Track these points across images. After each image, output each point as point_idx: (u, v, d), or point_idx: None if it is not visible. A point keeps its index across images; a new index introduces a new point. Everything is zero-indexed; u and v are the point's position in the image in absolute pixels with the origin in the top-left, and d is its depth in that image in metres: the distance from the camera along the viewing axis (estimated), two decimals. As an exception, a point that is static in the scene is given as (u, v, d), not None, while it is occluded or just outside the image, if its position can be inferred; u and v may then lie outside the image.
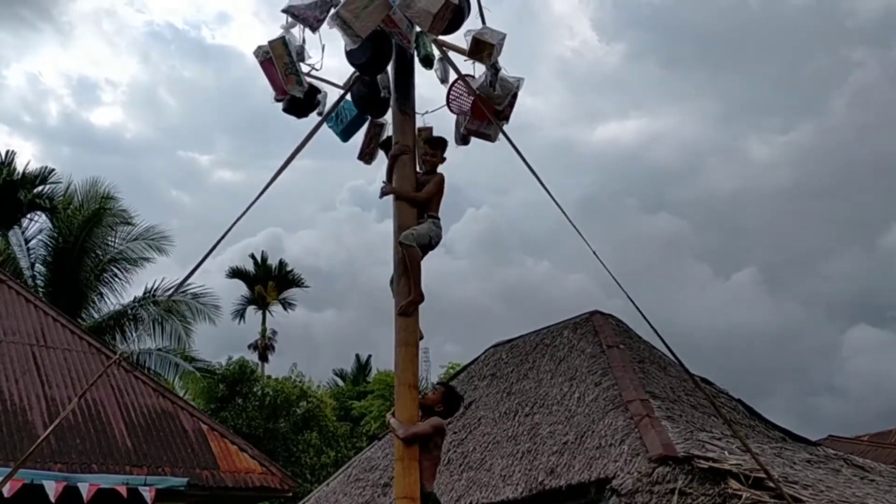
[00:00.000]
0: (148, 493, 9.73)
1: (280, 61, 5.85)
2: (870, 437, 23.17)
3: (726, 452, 9.45)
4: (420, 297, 5.51)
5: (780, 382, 55.56)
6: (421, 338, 5.65)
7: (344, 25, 5.50)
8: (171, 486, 10.05)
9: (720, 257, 68.64)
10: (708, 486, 8.60)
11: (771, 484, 7.82)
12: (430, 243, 5.70)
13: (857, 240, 67.34)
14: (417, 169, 6.00)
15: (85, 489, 9.27)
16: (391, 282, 5.84)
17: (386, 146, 6.32)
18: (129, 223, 23.91)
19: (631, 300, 5.81)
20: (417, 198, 5.79)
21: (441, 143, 6.10)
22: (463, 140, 6.52)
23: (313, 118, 6.30)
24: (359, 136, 6.59)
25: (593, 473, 10.46)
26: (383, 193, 5.89)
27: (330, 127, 6.48)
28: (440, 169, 6.05)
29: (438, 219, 5.84)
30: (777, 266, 66.96)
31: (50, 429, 7.58)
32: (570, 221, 5.88)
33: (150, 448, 10.67)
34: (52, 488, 9.05)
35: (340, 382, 39.87)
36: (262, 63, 5.97)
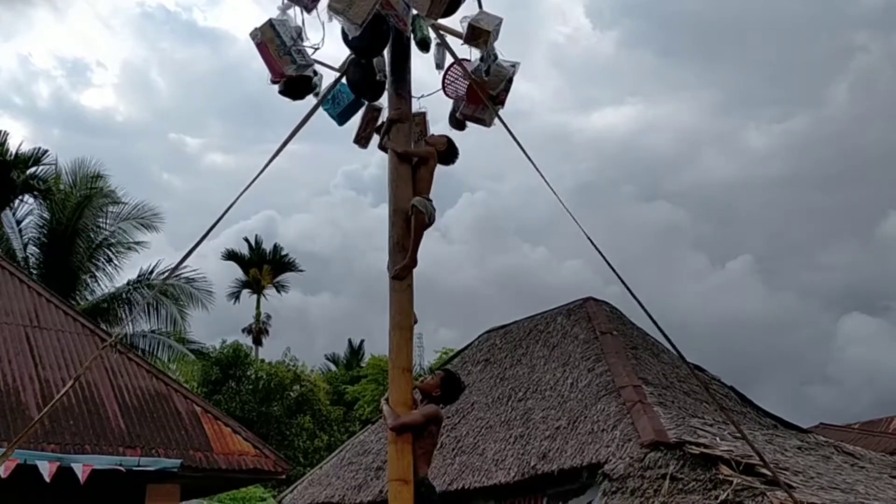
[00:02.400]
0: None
1: (272, 44, 5.82)
2: (860, 426, 23.34)
3: (717, 439, 9.52)
4: (413, 263, 5.53)
5: (774, 371, 55.83)
6: (415, 321, 5.65)
7: (338, 16, 5.49)
8: (164, 468, 10.05)
9: (716, 246, 68.82)
10: (699, 471, 8.67)
11: (762, 469, 7.88)
12: (429, 220, 5.72)
13: (853, 229, 67.58)
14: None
15: (79, 469, 9.27)
16: (390, 260, 5.83)
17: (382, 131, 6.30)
18: (119, 202, 23.81)
19: (623, 283, 5.82)
20: (418, 153, 5.81)
21: (454, 157, 6.09)
22: (458, 125, 6.51)
23: (308, 102, 6.28)
24: (354, 120, 6.57)
25: (585, 458, 10.53)
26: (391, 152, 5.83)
27: (326, 110, 6.46)
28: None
29: (431, 200, 5.84)
30: (772, 255, 67.21)
31: (45, 410, 7.58)
32: (564, 207, 5.89)
33: (144, 430, 10.66)
34: (45, 469, 9.04)
35: (333, 367, 39.94)
36: (257, 46, 5.94)
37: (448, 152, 6.05)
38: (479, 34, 5.91)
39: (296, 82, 6.02)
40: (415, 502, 5.17)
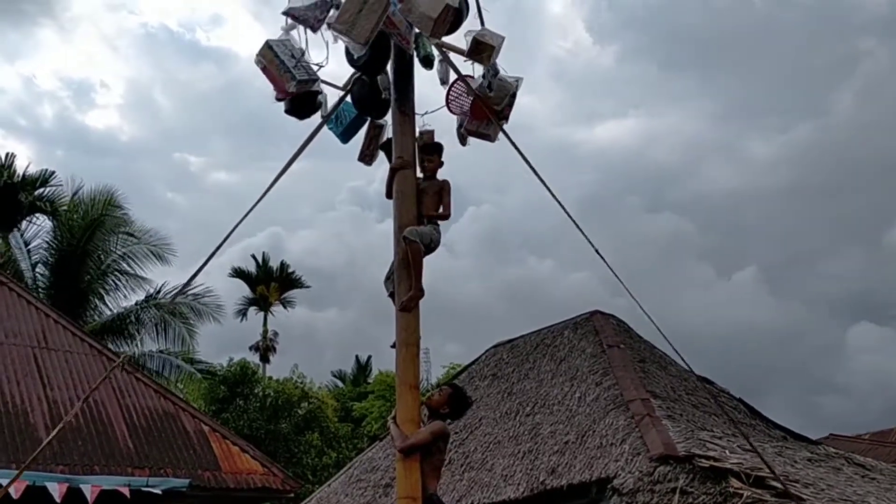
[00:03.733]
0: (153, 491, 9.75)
1: (272, 65, 5.88)
2: (871, 436, 23.18)
3: (727, 451, 9.46)
4: (420, 293, 5.53)
5: (783, 381, 55.55)
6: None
7: (342, 36, 5.55)
8: (173, 488, 10.06)
9: (722, 256, 68.69)
10: (709, 484, 8.61)
11: (772, 482, 7.84)
12: (429, 245, 5.71)
13: (860, 238, 67.39)
14: (418, 174, 6.00)
15: (88, 490, 9.28)
16: (386, 279, 5.87)
17: (386, 148, 6.33)
18: (132, 235, 23.90)
19: (631, 295, 5.84)
20: (442, 216, 5.84)
21: (437, 149, 6.08)
22: (462, 140, 6.54)
23: (312, 121, 6.31)
24: (358, 138, 6.61)
25: (594, 473, 10.47)
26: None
27: (330, 129, 6.50)
28: (442, 174, 6.05)
29: (438, 225, 5.85)
30: (778, 265, 66.99)
31: (54, 432, 7.64)
32: (571, 218, 5.91)
33: (152, 449, 10.69)
34: (55, 490, 9.06)
35: (340, 384, 39.89)
36: (263, 71, 6.00)
37: (433, 146, 6.06)
38: (483, 49, 5.94)
39: (301, 101, 6.06)
40: None
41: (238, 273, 39.87)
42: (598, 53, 76.07)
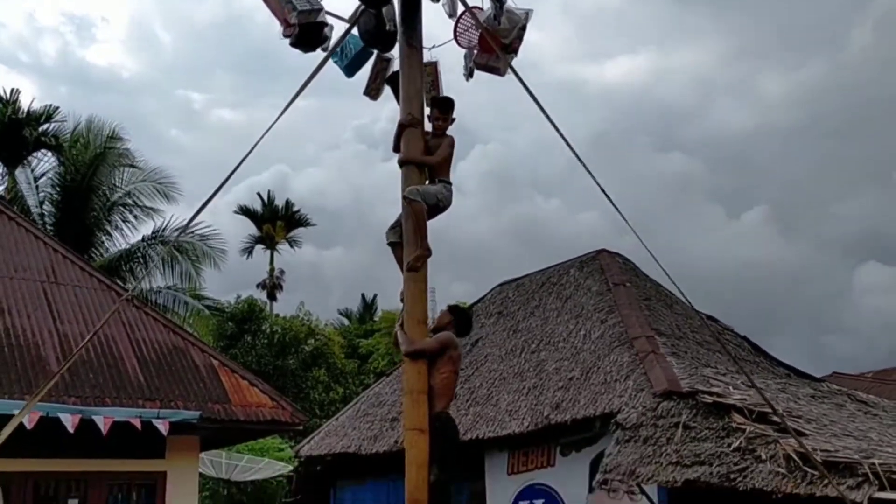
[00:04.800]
0: (162, 426, 9.91)
1: None
2: (874, 374, 23.39)
3: (730, 388, 9.55)
4: (427, 252, 5.48)
5: (790, 321, 55.92)
6: (429, 254, 5.63)
7: None
8: (184, 419, 10.22)
9: (731, 197, 68.41)
10: (712, 419, 8.71)
11: (775, 418, 7.93)
12: (437, 204, 5.62)
13: (872, 178, 66.93)
14: (427, 128, 5.91)
15: (100, 422, 9.45)
16: (389, 228, 5.82)
17: (393, 82, 6.25)
18: (134, 166, 23.89)
19: (634, 232, 5.80)
20: (429, 161, 5.73)
21: (450, 106, 5.98)
22: (470, 74, 6.45)
23: (316, 56, 6.20)
24: (364, 72, 6.51)
25: (598, 408, 10.60)
26: (401, 163, 5.73)
27: (335, 62, 6.40)
28: (450, 132, 5.96)
29: (450, 183, 5.77)
30: (789, 205, 66.73)
31: (66, 364, 7.75)
32: (578, 158, 5.83)
33: (162, 383, 10.83)
34: (68, 421, 9.23)
35: (346, 322, 40.25)
36: (264, 1, 5.88)
37: (445, 101, 5.98)
38: (490, -22, 5.81)
39: (307, 32, 5.94)
40: (431, 438, 5.17)
41: (244, 211, 39.90)
42: (609, -13, 74.48)
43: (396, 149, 5.85)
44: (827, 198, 68.44)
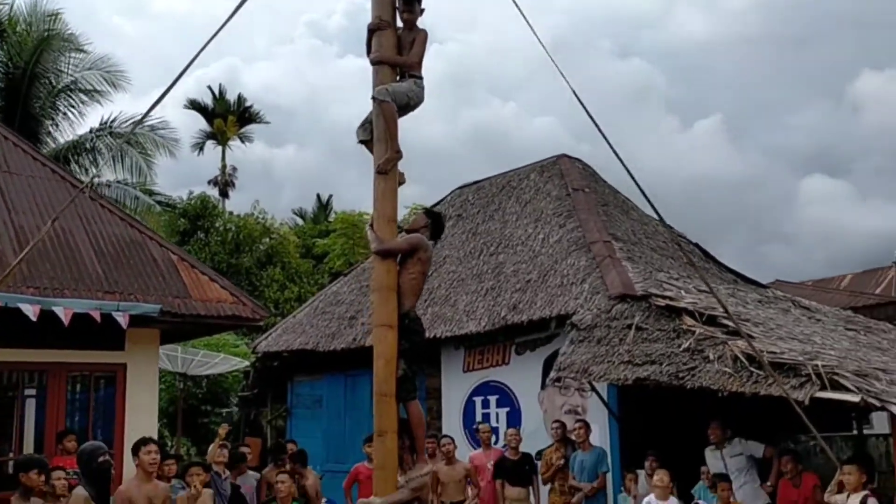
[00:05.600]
0: (122, 318, 9.89)
1: None
2: (814, 283, 24.33)
3: (683, 292, 9.89)
4: (398, 154, 5.42)
5: (735, 229, 57.27)
6: (402, 182, 5.60)
7: None
8: (144, 312, 10.17)
9: (687, 105, 68.68)
10: (663, 322, 9.04)
11: (724, 321, 8.27)
12: (408, 103, 5.47)
13: (825, 90, 67.68)
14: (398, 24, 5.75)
15: (61, 312, 9.38)
16: (360, 125, 5.73)
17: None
18: (81, 50, 22.99)
19: (606, 140, 5.85)
20: (402, 62, 5.60)
21: None
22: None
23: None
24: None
25: (554, 310, 10.91)
26: (373, 62, 5.57)
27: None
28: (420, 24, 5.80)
29: (421, 78, 5.64)
30: (741, 115, 67.34)
31: (23, 254, 7.63)
32: (550, 58, 5.82)
33: (121, 276, 10.73)
34: (29, 310, 9.14)
35: (300, 221, 40.02)
36: None
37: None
38: None
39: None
40: (399, 335, 5.28)
41: (194, 105, 38.82)
42: None
43: (369, 52, 5.72)
44: (779, 108, 69.23)
